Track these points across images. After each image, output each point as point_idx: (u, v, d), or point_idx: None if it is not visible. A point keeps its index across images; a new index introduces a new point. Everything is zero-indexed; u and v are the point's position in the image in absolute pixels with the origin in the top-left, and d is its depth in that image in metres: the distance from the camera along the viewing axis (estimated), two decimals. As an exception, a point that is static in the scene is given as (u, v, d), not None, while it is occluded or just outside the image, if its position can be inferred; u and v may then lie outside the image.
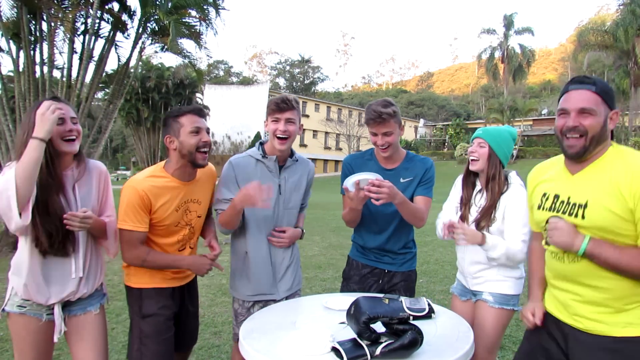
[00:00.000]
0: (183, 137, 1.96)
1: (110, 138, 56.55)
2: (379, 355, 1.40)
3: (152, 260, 2.00)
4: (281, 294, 2.26)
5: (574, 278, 1.54)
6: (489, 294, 2.14)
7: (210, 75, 73.13)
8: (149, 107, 38.80)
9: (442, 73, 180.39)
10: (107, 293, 2.15)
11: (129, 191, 1.95)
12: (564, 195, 1.56)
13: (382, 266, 2.36)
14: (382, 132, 2.16)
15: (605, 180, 1.45)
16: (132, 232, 1.95)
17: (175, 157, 2.01)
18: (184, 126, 1.96)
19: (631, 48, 28.21)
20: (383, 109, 2.12)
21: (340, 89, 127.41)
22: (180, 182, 2.04)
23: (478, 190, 2.22)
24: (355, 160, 2.37)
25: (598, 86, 1.48)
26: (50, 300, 1.84)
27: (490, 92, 62.75)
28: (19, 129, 2.54)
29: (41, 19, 8.77)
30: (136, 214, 1.94)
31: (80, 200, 1.88)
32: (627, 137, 31.43)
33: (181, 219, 2.07)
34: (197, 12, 10.15)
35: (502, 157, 2.14)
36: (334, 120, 44.54)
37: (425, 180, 2.30)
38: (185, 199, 2.06)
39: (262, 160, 2.19)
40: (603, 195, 1.44)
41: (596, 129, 1.46)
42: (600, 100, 1.47)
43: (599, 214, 1.44)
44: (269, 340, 1.56)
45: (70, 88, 9.09)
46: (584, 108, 1.46)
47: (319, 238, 8.78)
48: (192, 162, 2.00)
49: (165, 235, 2.06)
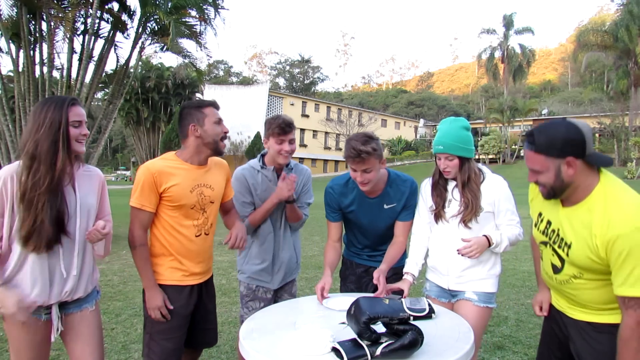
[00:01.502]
0: (208, 126, 2.11)
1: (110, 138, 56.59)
2: (379, 356, 1.40)
3: (139, 253, 2.07)
4: (275, 284, 2.51)
5: (561, 290, 1.74)
6: (472, 293, 2.14)
7: (210, 75, 73.20)
8: (149, 107, 38.84)
9: (442, 73, 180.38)
10: (100, 290, 2.14)
11: (142, 171, 2.06)
12: (555, 225, 1.66)
13: (375, 265, 2.38)
14: (362, 169, 2.12)
15: (586, 228, 1.52)
16: (138, 211, 2.05)
17: (195, 144, 2.12)
18: (208, 116, 2.12)
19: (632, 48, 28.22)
20: (362, 147, 2.07)
21: (340, 89, 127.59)
22: (191, 166, 2.15)
23: (454, 186, 2.18)
24: (339, 188, 2.38)
25: (537, 145, 1.53)
26: (50, 300, 1.83)
27: (490, 92, 62.78)
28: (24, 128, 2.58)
29: (41, 18, 8.78)
30: (145, 193, 2.04)
31: (80, 199, 1.89)
32: (627, 137, 31.48)
33: (196, 202, 2.14)
34: (197, 12, 10.15)
35: (470, 154, 2.14)
36: (334, 120, 44.57)
37: (410, 205, 2.33)
38: (198, 182, 2.14)
39: (261, 170, 2.45)
40: (582, 242, 1.53)
41: (550, 182, 1.55)
42: (544, 157, 1.52)
43: (579, 258, 1.56)
44: (269, 340, 1.56)
45: (70, 88, 9.10)
46: (531, 169, 1.59)
47: (319, 238, 8.77)
48: (216, 149, 2.16)
49: (184, 217, 2.12)
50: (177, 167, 2.10)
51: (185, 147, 2.15)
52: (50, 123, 1.77)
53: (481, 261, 2.13)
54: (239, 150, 39.75)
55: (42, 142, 1.76)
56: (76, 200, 1.88)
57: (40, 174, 1.74)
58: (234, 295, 4.99)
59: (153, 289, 2.08)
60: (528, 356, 3.27)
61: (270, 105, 43.55)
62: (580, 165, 1.50)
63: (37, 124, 1.78)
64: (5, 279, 1.78)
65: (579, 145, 1.48)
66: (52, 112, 1.79)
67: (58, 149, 1.77)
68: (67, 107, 1.82)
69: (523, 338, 3.60)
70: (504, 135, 38.36)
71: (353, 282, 2.44)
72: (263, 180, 2.43)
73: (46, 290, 1.82)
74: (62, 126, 1.79)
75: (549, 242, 1.69)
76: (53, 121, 1.78)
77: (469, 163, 2.12)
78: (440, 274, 2.23)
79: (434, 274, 2.29)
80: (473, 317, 2.05)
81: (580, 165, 1.50)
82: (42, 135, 1.76)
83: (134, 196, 2.05)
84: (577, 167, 1.49)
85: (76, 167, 1.93)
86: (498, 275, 2.19)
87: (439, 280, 2.25)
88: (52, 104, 1.81)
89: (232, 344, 3.52)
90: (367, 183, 2.17)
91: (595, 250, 1.49)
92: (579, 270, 1.59)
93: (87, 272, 1.95)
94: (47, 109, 1.79)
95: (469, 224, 2.10)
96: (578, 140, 1.48)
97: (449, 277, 2.19)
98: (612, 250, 1.44)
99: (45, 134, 1.76)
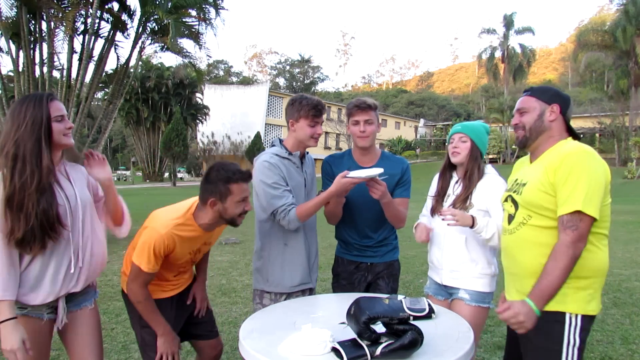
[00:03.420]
0: (229, 205, 1.94)
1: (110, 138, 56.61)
2: (379, 356, 1.40)
3: (144, 307, 2.00)
4: (314, 282, 2.42)
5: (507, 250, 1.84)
6: (464, 292, 2.16)
7: (210, 75, 73.12)
8: (149, 107, 38.82)
9: (442, 73, 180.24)
10: (98, 289, 2.14)
11: (153, 235, 1.92)
12: (520, 178, 1.82)
13: (365, 260, 2.45)
14: (364, 119, 2.29)
15: (541, 164, 1.71)
16: (146, 274, 1.95)
17: (212, 215, 1.98)
18: (232, 194, 1.93)
19: (631, 48, 28.20)
20: (367, 99, 2.33)
21: (340, 88, 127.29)
22: (204, 232, 2.05)
23: (455, 182, 2.27)
24: (334, 159, 2.48)
25: (534, 90, 1.82)
26: (60, 293, 1.84)
27: (490, 92, 62.65)
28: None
29: (41, 18, 8.78)
30: (153, 258, 1.93)
31: (79, 193, 1.88)
32: (627, 137, 31.44)
33: (189, 259, 2.14)
34: (197, 12, 10.15)
35: (483, 149, 2.24)
36: (334, 120, 44.54)
37: (403, 181, 2.41)
38: (201, 242, 2.11)
39: (287, 157, 2.28)
40: (536, 177, 1.69)
41: (531, 122, 1.77)
42: (534, 99, 1.78)
43: (531, 192, 1.69)
44: (269, 340, 1.56)
45: (70, 88, 9.10)
46: (519, 109, 1.82)
47: (319, 238, 8.71)
48: (231, 224, 2.02)
49: (169, 269, 2.10)
50: (188, 236, 2.00)
51: (202, 213, 2.01)
52: (32, 121, 1.71)
53: (473, 259, 2.16)
54: (239, 150, 39.78)
55: (24, 141, 1.71)
56: (75, 193, 1.87)
57: (27, 174, 1.69)
58: (234, 295, 4.99)
59: (170, 335, 2.05)
60: (528, 356, 3.26)
61: (270, 105, 43.55)
62: (559, 118, 1.74)
63: (16, 123, 1.72)
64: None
65: (565, 102, 1.76)
66: (32, 110, 1.73)
67: (42, 146, 1.73)
68: (46, 103, 1.77)
69: (523, 338, 3.59)
70: (504, 135, 38.32)
71: (345, 278, 2.49)
72: (290, 167, 2.27)
73: (54, 286, 1.81)
74: (43, 123, 1.74)
75: (510, 193, 1.83)
76: (35, 118, 1.72)
77: (479, 154, 2.22)
78: (436, 268, 2.29)
79: (431, 270, 2.35)
80: (466, 317, 2.04)
81: (559, 118, 1.74)
82: (24, 134, 1.71)
83: (144, 260, 1.92)
84: (556, 117, 1.74)
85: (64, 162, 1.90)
86: (493, 276, 2.20)
87: (435, 276, 2.30)
88: (30, 101, 1.76)
89: (232, 344, 3.51)
90: (368, 136, 2.31)
91: (546, 178, 1.63)
92: (528, 210, 1.70)
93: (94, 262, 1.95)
94: (26, 107, 1.74)
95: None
96: (566, 97, 1.78)
97: (442, 272, 2.24)
98: (558, 171, 1.60)
99: (27, 132, 1.71)
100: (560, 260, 1.54)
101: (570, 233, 1.54)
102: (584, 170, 1.57)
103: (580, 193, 1.54)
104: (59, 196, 1.81)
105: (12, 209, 1.68)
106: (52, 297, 1.82)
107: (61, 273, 1.83)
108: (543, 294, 1.56)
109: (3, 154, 1.71)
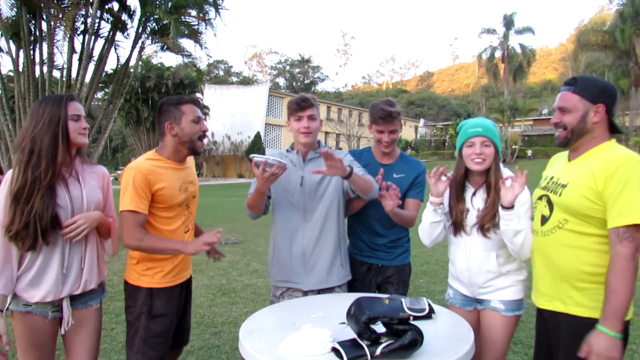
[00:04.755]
0: (185, 125, 2.03)
1: (110, 138, 56.57)
2: (379, 356, 1.40)
3: (148, 243, 1.94)
4: (310, 285, 2.23)
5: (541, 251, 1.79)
6: (499, 302, 2.02)
7: (210, 75, 73.11)
8: (149, 107, 38.75)
9: (442, 73, 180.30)
10: (106, 289, 2.15)
11: (131, 172, 1.94)
12: (557, 176, 1.74)
13: (376, 261, 2.44)
14: (389, 129, 2.32)
15: (587, 168, 1.62)
16: (134, 214, 1.92)
17: (173, 142, 2.06)
18: (185, 114, 2.04)
19: (630, 48, 28.21)
20: (392, 109, 2.30)
21: (340, 88, 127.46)
22: (176, 164, 2.10)
23: (472, 194, 2.05)
24: (353, 155, 2.43)
25: (578, 85, 1.68)
26: (62, 294, 1.85)
27: (490, 92, 62.66)
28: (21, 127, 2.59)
29: (41, 18, 8.76)
30: (139, 194, 1.92)
31: (87, 194, 1.91)
32: (627, 137, 31.42)
33: (184, 199, 2.12)
34: (197, 12, 10.14)
35: (500, 153, 2.04)
36: (334, 120, 44.51)
37: (417, 183, 2.41)
38: (183, 179, 2.12)
39: (287, 155, 2.33)
40: (579, 180, 1.62)
41: (574, 123, 1.67)
42: (578, 98, 1.66)
43: (572, 196, 1.62)
44: (269, 340, 1.56)
45: (70, 88, 9.09)
46: (560, 107, 1.70)
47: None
48: (192, 149, 2.08)
49: (174, 216, 2.07)
50: (164, 167, 2.05)
51: (164, 145, 2.10)
52: (49, 118, 1.79)
53: (503, 273, 2.02)
54: (239, 150, 39.74)
55: (41, 137, 1.78)
56: (82, 195, 1.88)
57: (42, 169, 1.75)
58: (234, 295, 4.99)
59: (190, 244, 1.96)
60: (528, 356, 3.26)
61: (271, 105, 43.52)
62: (603, 118, 1.65)
63: (35, 120, 1.80)
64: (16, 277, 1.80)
65: (611, 99, 1.65)
66: (50, 108, 1.81)
67: (58, 142, 1.79)
68: (65, 102, 1.84)
69: (523, 338, 3.59)
70: (504, 135, 38.28)
71: (359, 281, 2.45)
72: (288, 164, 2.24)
73: (57, 284, 1.83)
74: (61, 120, 1.80)
75: (546, 192, 1.75)
76: (52, 116, 1.80)
77: (499, 160, 2.02)
78: (463, 283, 2.13)
79: (456, 281, 2.19)
80: (500, 328, 2.00)
81: (604, 118, 1.64)
82: (41, 130, 1.78)
83: (126, 199, 1.91)
84: (601, 118, 1.64)
85: (80, 163, 1.95)
86: (524, 280, 2.07)
87: (462, 288, 2.15)
88: (50, 100, 1.84)
89: (232, 344, 3.51)
90: (392, 143, 2.36)
91: (594, 186, 1.55)
92: (566, 214, 1.65)
93: (96, 265, 1.97)
94: (45, 106, 1.82)
95: (488, 233, 1.97)
96: (612, 94, 1.66)
97: (472, 288, 2.10)
98: (611, 181, 1.52)
99: (44, 129, 1.78)
100: (624, 275, 1.49)
101: (628, 245, 1.49)
102: (639, 181, 1.51)
103: (637, 205, 1.49)
104: (62, 198, 1.82)
105: (18, 203, 1.73)
106: (52, 297, 1.83)
107: (63, 272, 1.84)
108: (617, 315, 1.51)
109: (20, 150, 1.78)
